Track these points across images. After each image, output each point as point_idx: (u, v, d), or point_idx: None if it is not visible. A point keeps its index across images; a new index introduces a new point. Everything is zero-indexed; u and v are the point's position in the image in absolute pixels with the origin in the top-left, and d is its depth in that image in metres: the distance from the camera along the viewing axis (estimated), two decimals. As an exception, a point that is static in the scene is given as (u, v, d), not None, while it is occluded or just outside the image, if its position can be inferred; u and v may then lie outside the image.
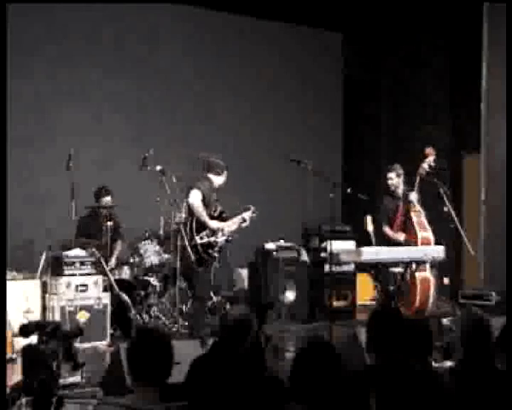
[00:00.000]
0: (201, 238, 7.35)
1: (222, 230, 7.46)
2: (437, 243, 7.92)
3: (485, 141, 9.63)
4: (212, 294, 8.32)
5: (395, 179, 8.28)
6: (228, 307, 9.19)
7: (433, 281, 7.95)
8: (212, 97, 11.08)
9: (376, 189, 9.70)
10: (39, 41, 9.56)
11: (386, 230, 8.20)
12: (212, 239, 7.40)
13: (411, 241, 7.94)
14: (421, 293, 7.79)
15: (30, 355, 4.11)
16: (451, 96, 10.96)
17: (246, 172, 10.92)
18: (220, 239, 7.46)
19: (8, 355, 6.07)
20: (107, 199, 8.59)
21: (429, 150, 8.03)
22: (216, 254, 7.50)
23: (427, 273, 7.90)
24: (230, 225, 7.62)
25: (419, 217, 8.03)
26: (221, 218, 7.58)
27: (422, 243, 7.88)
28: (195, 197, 7.30)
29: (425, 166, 7.97)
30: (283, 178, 11.05)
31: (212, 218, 7.47)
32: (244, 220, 7.67)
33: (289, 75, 11.84)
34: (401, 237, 8.06)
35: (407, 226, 8.04)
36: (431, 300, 7.93)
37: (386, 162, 9.22)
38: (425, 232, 7.95)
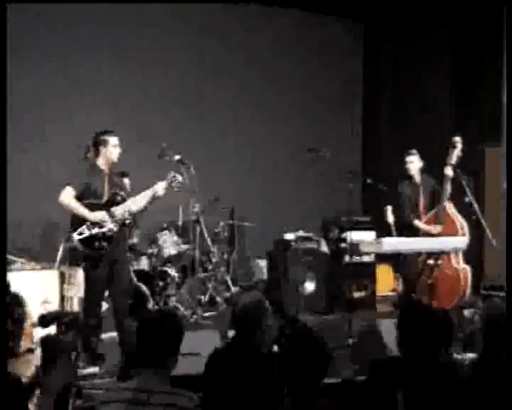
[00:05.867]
0: (81, 234, 6.34)
1: (110, 216, 6.43)
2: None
3: (505, 132, 9.52)
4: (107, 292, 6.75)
5: (416, 163, 8.10)
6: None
7: (469, 270, 7.68)
8: (231, 88, 11.04)
9: (394, 180, 9.61)
10: (40, 40, 9.51)
11: (417, 222, 7.81)
12: (95, 231, 6.35)
13: (450, 232, 7.54)
14: (463, 284, 7.60)
15: (48, 346, 4.10)
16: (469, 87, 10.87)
17: (264, 164, 10.89)
18: (109, 227, 6.42)
19: (28, 345, 6.07)
20: (126, 181, 8.58)
21: (457, 139, 7.88)
22: (105, 244, 6.40)
23: (461, 264, 7.73)
24: (128, 206, 6.57)
25: (450, 206, 7.83)
26: (115, 201, 6.57)
27: (463, 234, 7.51)
28: (64, 196, 6.41)
29: (454, 155, 7.79)
30: (302, 169, 10.99)
31: (98, 207, 6.46)
32: (155, 192, 6.59)
33: (308, 67, 11.77)
34: (436, 229, 7.64)
35: (439, 216, 7.65)
36: (468, 290, 7.72)
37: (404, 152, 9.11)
38: (459, 222, 7.73)
